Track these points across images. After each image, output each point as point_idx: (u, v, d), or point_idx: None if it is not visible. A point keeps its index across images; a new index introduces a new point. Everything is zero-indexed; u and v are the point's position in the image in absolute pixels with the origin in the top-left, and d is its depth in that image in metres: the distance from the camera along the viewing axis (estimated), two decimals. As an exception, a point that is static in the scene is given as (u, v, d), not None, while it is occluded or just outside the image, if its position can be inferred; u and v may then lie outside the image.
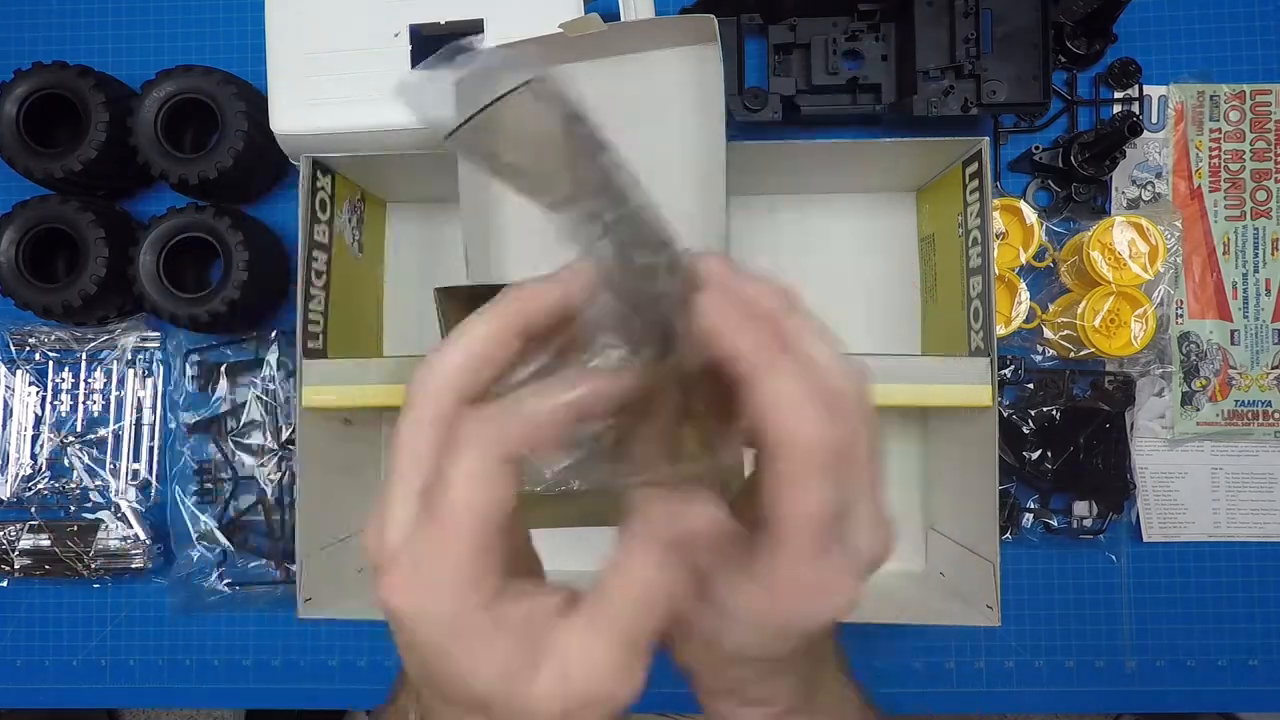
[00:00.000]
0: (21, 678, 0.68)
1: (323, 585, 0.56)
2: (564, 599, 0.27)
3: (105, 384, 0.69)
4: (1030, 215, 0.64)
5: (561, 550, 0.66)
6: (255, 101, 0.63)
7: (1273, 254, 0.67)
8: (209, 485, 0.67)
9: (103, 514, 0.68)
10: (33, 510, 0.68)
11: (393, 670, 0.67)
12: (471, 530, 0.24)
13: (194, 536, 0.67)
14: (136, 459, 0.68)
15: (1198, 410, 0.66)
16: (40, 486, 0.68)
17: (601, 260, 0.25)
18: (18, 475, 0.68)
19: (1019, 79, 0.62)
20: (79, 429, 0.69)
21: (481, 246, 0.55)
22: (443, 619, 0.25)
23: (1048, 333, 0.65)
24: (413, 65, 0.58)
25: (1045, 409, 0.65)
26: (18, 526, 0.67)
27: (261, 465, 0.67)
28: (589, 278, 0.26)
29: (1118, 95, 0.67)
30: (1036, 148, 0.66)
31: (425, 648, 0.25)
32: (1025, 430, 0.65)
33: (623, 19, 0.58)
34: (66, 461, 0.68)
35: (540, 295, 0.26)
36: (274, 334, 0.68)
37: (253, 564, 0.67)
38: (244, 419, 0.67)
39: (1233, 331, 0.67)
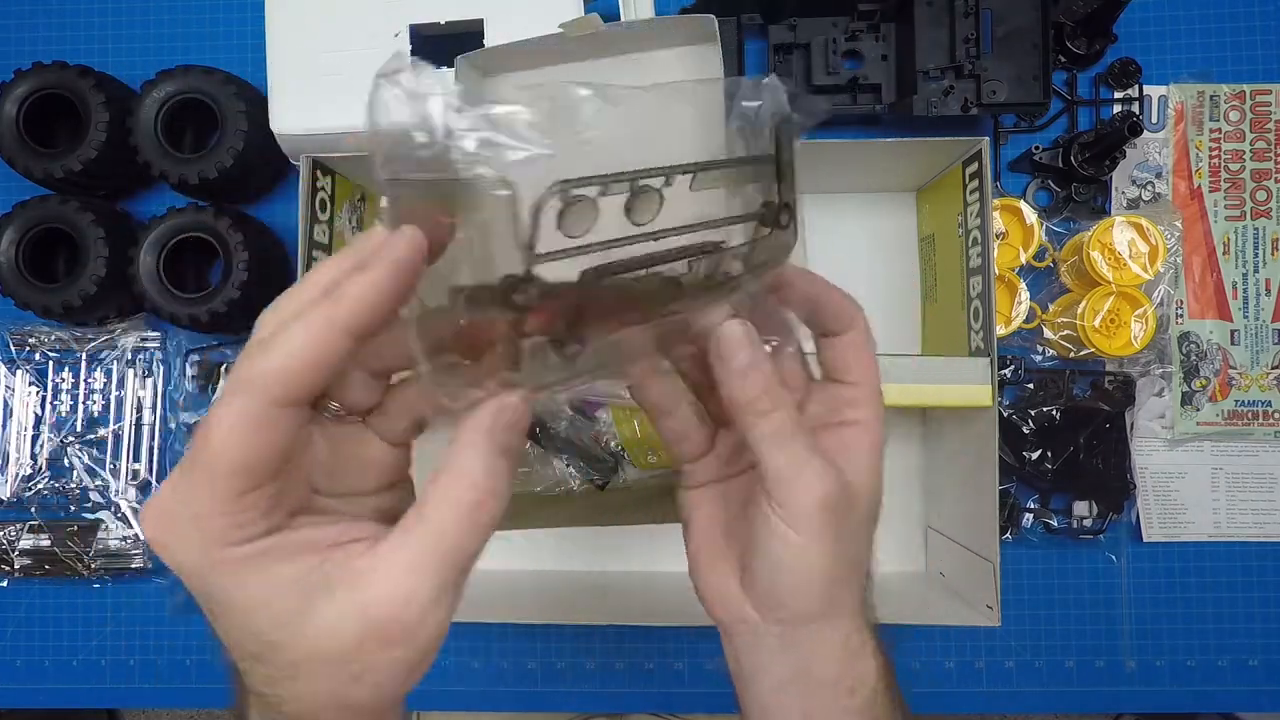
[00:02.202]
0: (21, 678, 0.68)
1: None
2: (367, 529, 0.26)
3: (105, 384, 0.69)
4: (1030, 215, 0.64)
5: (562, 550, 0.66)
6: (255, 101, 0.63)
7: (1273, 254, 0.67)
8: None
9: (103, 514, 0.68)
10: (33, 510, 0.68)
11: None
12: (224, 474, 0.23)
13: (194, 536, 0.67)
14: (136, 459, 0.68)
15: (1198, 410, 0.66)
16: (40, 486, 0.68)
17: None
18: (18, 475, 0.68)
19: (1019, 79, 0.62)
20: (79, 429, 0.69)
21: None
22: (193, 565, 0.24)
23: (1048, 333, 0.65)
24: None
25: (1045, 409, 0.65)
26: (18, 526, 0.67)
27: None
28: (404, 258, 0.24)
29: (1118, 95, 0.67)
30: (1036, 148, 0.66)
31: (191, 585, 0.25)
32: (1025, 430, 0.65)
33: (623, 19, 0.58)
34: (66, 461, 0.68)
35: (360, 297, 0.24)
36: (274, 334, 0.67)
37: (253, 564, 0.67)
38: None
39: (1233, 331, 0.67)
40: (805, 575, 0.32)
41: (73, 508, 0.68)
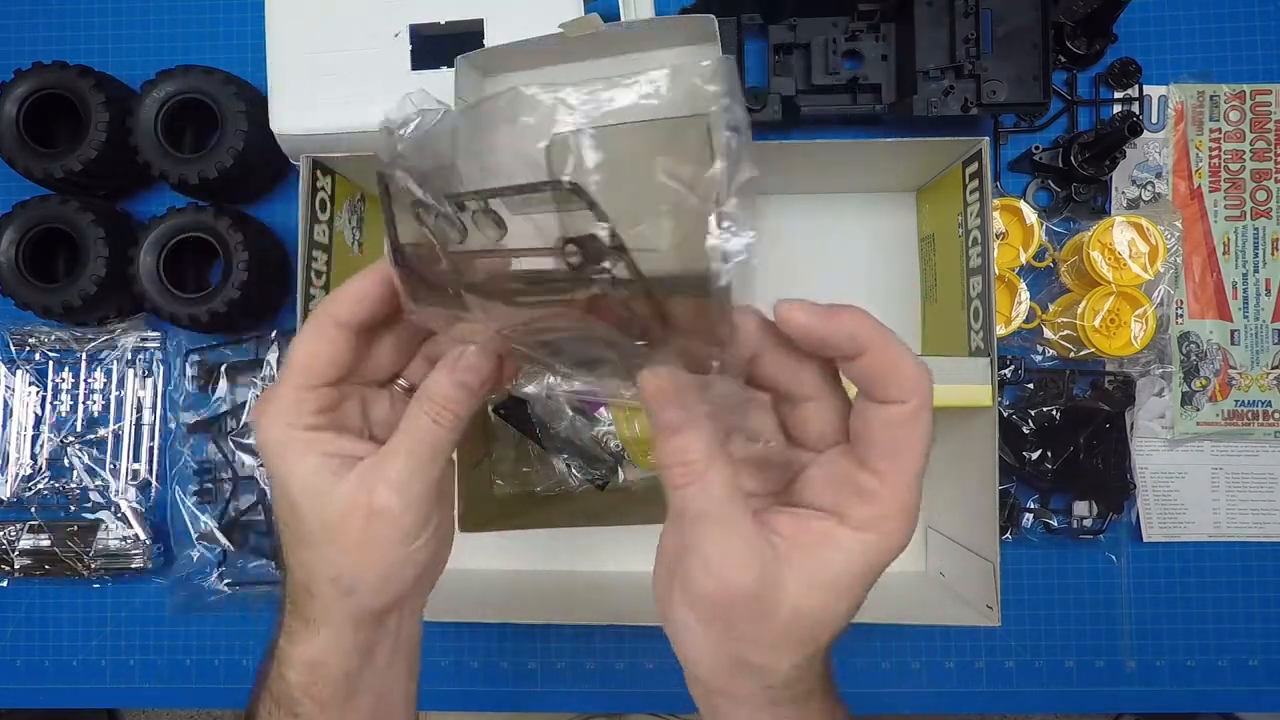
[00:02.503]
0: (21, 678, 0.68)
1: (323, 585, 0.56)
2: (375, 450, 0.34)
3: (105, 384, 0.69)
4: (1030, 215, 0.64)
5: (562, 550, 0.66)
6: (255, 101, 0.63)
7: (1273, 254, 0.67)
8: (209, 485, 0.67)
9: (103, 514, 0.68)
10: (33, 510, 0.68)
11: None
12: (294, 373, 0.32)
13: (194, 536, 0.67)
14: (136, 459, 0.68)
15: (1198, 410, 0.66)
16: (40, 486, 0.68)
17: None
18: (18, 475, 0.68)
19: (1019, 79, 0.62)
20: (79, 429, 0.69)
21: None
22: (268, 436, 0.33)
23: (1048, 333, 0.65)
24: (413, 65, 0.58)
25: (1045, 409, 0.65)
26: (18, 526, 0.67)
27: (261, 465, 0.67)
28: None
29: (1118, 95, 0.67)
30: (1036, 148, 0.66)
31: (264, 455, 0.33)
32: (1025, 430, 0.65)
33: (623, 19, 0.58)
34: (66, 461, 0.68)
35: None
36: (274, 334, 0.68)
37: (253, 564, 0.67)
38: (244, 419, 0.67)
39: (1233, 331, 0.67)
40: (694, 650, 0.30)
41: (73, 508, 0.68)
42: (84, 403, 0.69)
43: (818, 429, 0.30)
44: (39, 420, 0.69)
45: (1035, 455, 0.65)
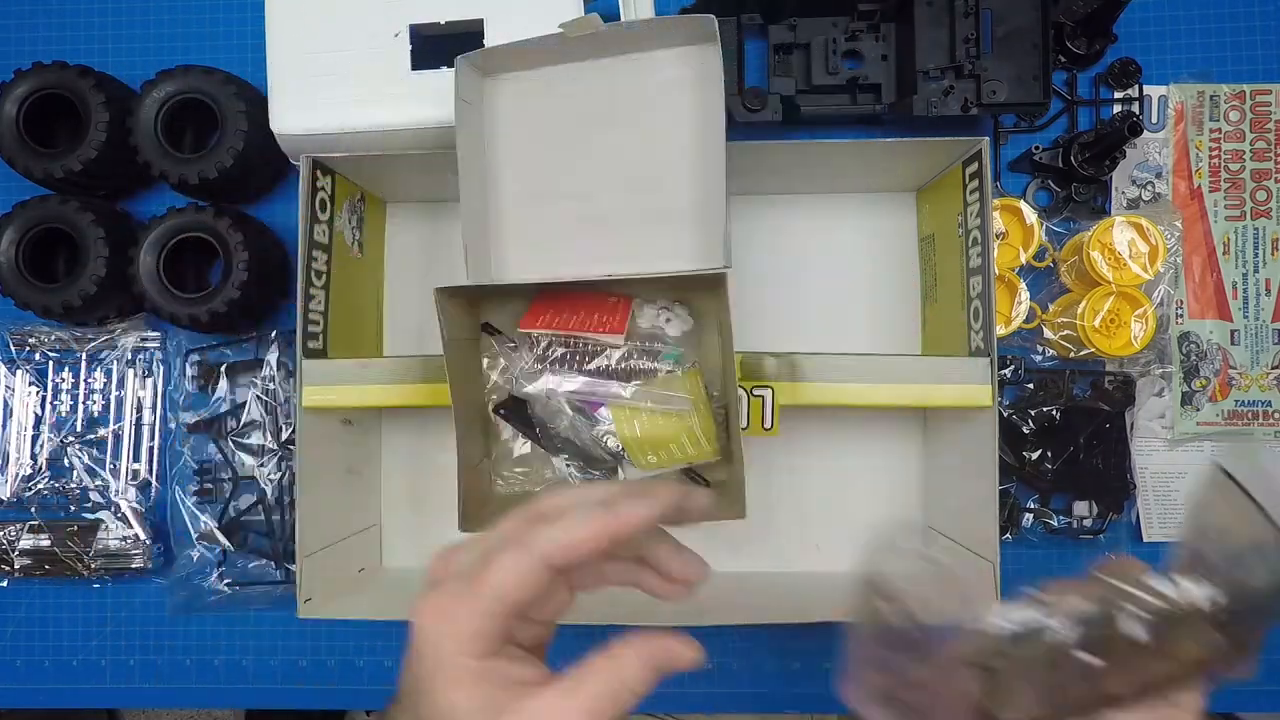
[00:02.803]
0: (21, 678, 0.68)
1: (322, 585, 0.56)
2: (547, 676, 0.33)
3: (105, 384, 0.69)
4: (1030, 215, 0.64)
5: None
6: (255, 101, 0.63)
7: (1273, 254, 0.67)
8: (209, 485, 0.67)
9: (103, 514, 0.68)
10: (33, 510, 0.68)
11: (392, 670, 0.67)
12: (490, 601, 0.32)
13: (194, 536, 0.67)
14: (136, 459, 0.68)
15: (1198, 410, 0.66)
16: (40, 486, 0.68)
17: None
18: (18, 475, 0.68)
19: (1019, 79, 0.62)
20: (79, 429, 0.69)
21: (481, 246, 0.55)
22: (439, 656, 0.32)
23: (1048, 333, 0.65)
24: (413, 65, 0.58)
25: (1045, 409, 0.65)
26: (18, 526, 0.67)
27: (261, 465, 0.67)
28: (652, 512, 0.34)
29: (1118, 95, 0.68)
30: (1036, 148, 0.66)
31: (423, 665, 0.32)
32: (1025, 430, 0.65)
33: (623, 19, 0.58)
34: (66, 461, 0.68)
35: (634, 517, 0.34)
36: (274, 334, 0.68)
37: (253, 564, 0.67)
38: (244, 419, 0.67)
39: (1233, 331, 0.67)
40: None
41: (73, 508, 0.68)
42: (84, 403, 0.69)
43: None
44: (39, 420, 0.69)
45: (1035, 455, 0.65)
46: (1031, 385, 0.66)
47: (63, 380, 0.69)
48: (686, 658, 0.33)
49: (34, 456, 0.68)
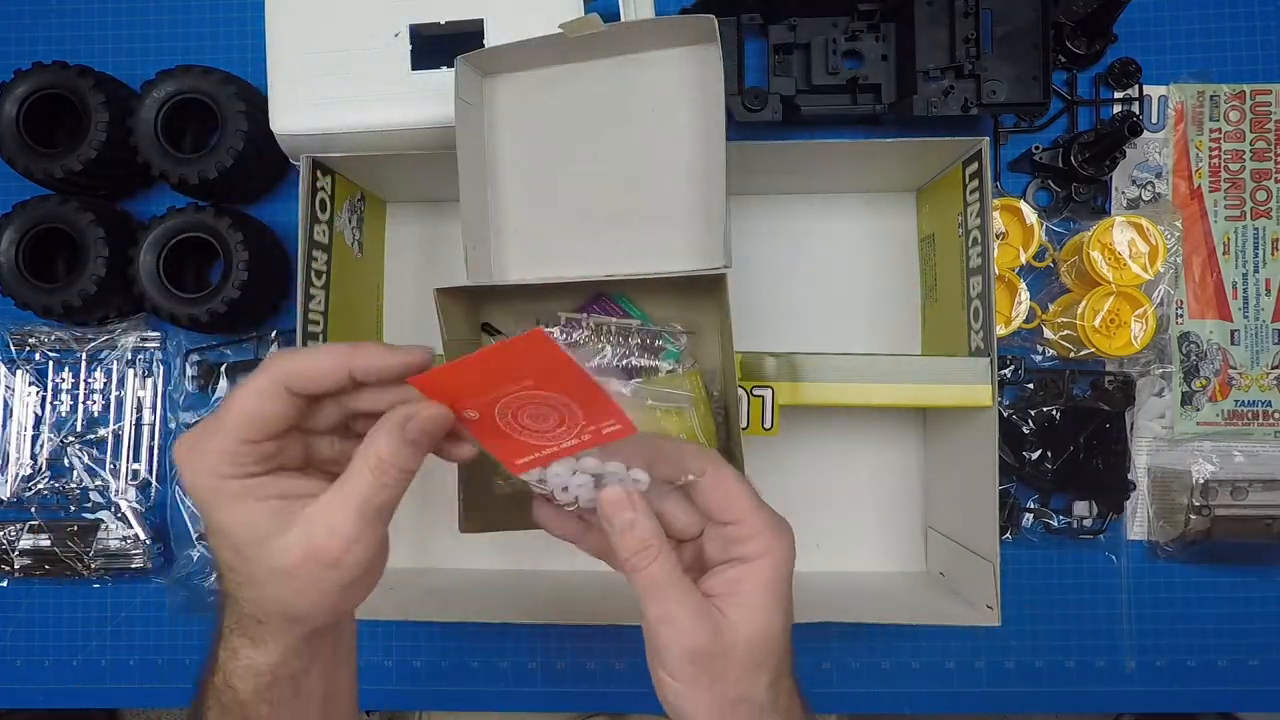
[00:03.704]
0: (21, 678, 0.68)
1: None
2: (325, 486, 0.34)
3: (105, 384, 0.69)
4: (1030, 215, 0.64)
5: (562, 550, 0.66)
6: (255, 101, 0.63)
7: (1273, 254, 0.67)
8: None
9: (103, 514, 0.68)
10: (33, 510, 0.68)
11: (391, 670, 0.67)
12: (233, 423, 0.33)
13: (194, 536, 0.67)
14: (136, 459, 0.68)
15: (1198, 410, 0.66)
16: (40, 486, 0.68)
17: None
18: (18, 475, 0.68)
19: (1019, 79, 0.62)
20: (79, 429, 0.69)
21: (481, 246, 0.55)
22: (198, 482, 0.33)
23: (1048, 333, 0.65)
24: (413, 65, 0.58)
25: (1045, 409, 0.65)
26: (18, 526, 0.67)
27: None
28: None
29: (1118, 95, 0.67)
30: (1036, 148, 0.66)
31: (196, 501, 0.34)
32: (1025, 430, 0.65)
33: (623, 19, 0.58)
34: (66, 461, 0.68)
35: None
36: (274, 334, 0.68)
37: (253, 564, 0.67)
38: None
39: (1233, 331, 0.67)
40: (690, 708, 0.36)
41: (73, 508, 0.68)
42: (84, 403, 0.69)
43: (684, 523, 0.38)
44: (39, 420, 0.69)
45: (1035, 455, 0.65)
46: (1031, 385, 0.66)
47: (63, 380, 0.69)
48: (427, 414, 0.34)
49: (34, 456, 0.68)
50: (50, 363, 0.69)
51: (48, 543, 0.67)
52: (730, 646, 0.35)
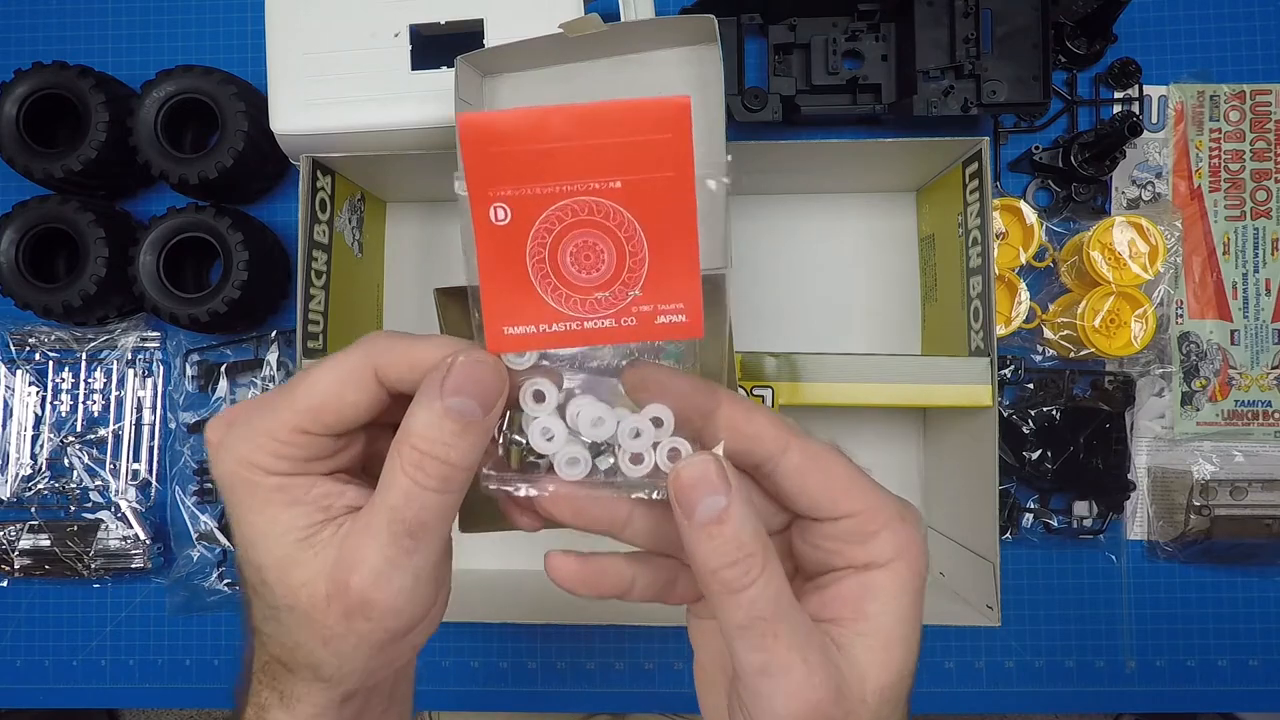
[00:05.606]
0: (21, 678, 0.68)
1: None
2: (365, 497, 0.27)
3: (105, 384, 0.69)
4: (1030, 215, 0.64)
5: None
6: (255, 101, 0.63)
7: (1273, 254, 0.67)
8: (209, 485, 0.67)
9: (103, 514, 0.68)
10: (33, 510, 0.68)
11: (393, 670, 0.67)
12: (298, 402, 0.25)
13: (194, 536, 0.67)
14: (136, 459, 0.68)
15: (1198, 410, 0.66)
16: (40, 486, 0.68)
17: None
18: (18, 475, 0.68)
19: (1019, 79, 0.62)
20: (79, 429, 0.69)
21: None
22: (227, 472, 0.26)
23: (1048, 333, 0.65)
24: (413, 65, 0.58)
25: (1045, 409, 0.65)
26: (18, 526, 0.67)
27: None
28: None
29: (1118, 95, 0.67)
30: (1036, 148, 0.66)
31: (224, 495, 0.27)
32: (1025, 430, 0.65)
33: (623, 19, 0.58)
34: (66, 461, 0.68)
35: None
36: (274, 334, 0.68)
37: (253, 564, 0.67)
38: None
39: (1233, 331, 0.67)
40: None
41: (73, 508, 0.68)
42: (84, 403, 0.69)
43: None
44: (39, 420, 0.69)
45: (1035, 455, 0.65)
46: (1031, 385, 0.66)
47: (63, 380, 0.69)
48: (465, 360, 0.25)
49: (34, 456, 0.68)
50: (50, 363, 0.69)
51: (48, 543, 0.67)
52: (858, 703, 0.25)
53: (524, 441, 0.27)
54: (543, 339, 0.24)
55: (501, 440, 0.27)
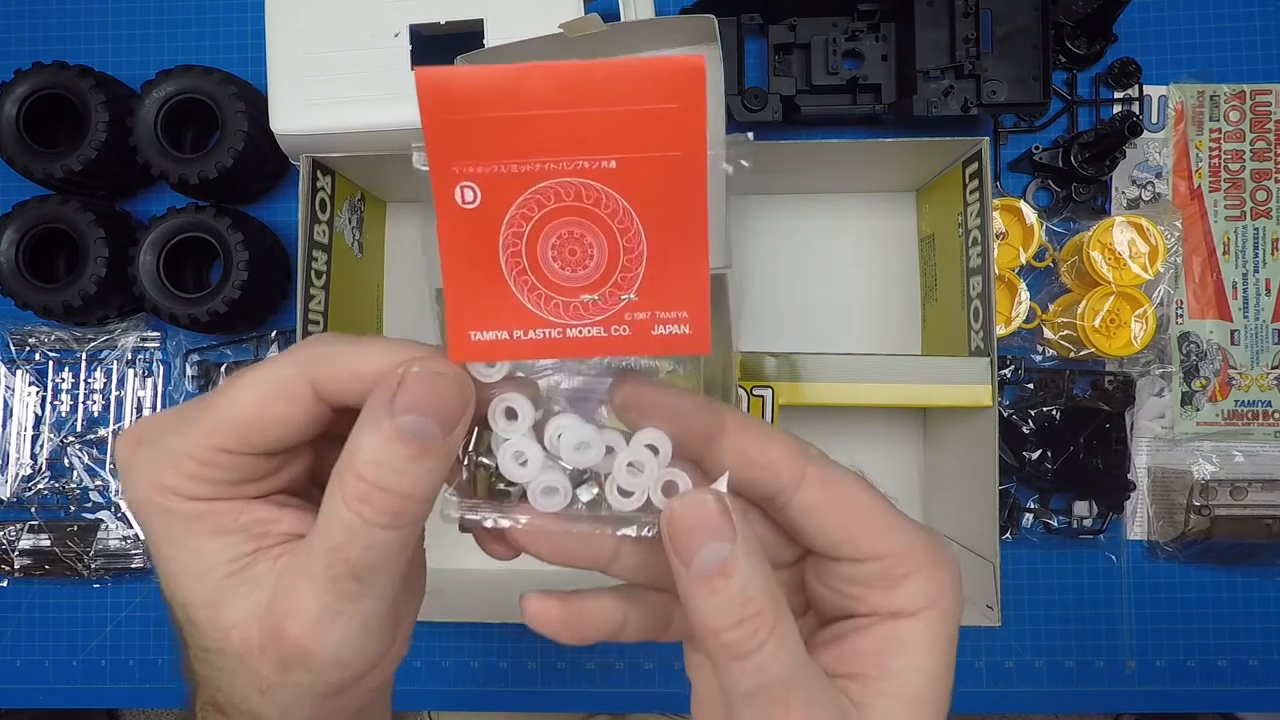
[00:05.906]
0: (21, 678, 0.68)
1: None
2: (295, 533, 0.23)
3: (105, 384, 0.69)
4: (1030, 215, 0.64)
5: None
6: (255, 101, 0.63)
7: (1273, 254, 0.67)
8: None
9: (103, 514, 0.67)
10: (33, 510, 0.68)
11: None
12: (224, 422, 0.22)
13: (194, 536, 0.67)
14: (136, 459, 0.68)
15: (1198, 410, 0.66)
16: (40, 486, 0.68)
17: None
18: (18, 475, 0.68)
19: (1019, 79, 0.62)
20: (79, 429, 0.69)
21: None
22: (140, 498, 0.22)
23: (1048, 333, 0.65)
24: (413, 65, 0.58)
25: (1045, 409, 0.65)
26: (18, 526, 0.67)
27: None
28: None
29: (1118, 95, 0.67)
30: (1036, 148, 0.66)
31: (139, 522, 0.23)
32: (1025, 430, 0.65)
33: (623, 19, 0.58)
34: (66, 461, 0.68)
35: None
36: (274, 334, 0.68)
37: (253, 564, 0.67)
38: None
39: (1233, 331, 0.67)
40: None
41: (73, 508, 0.68)
42: (84, 403, 0.69)
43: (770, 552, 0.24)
44: (39, 420, 0.69)
45: (1035, 455, 0.65)
46: (1031, 385, 0.66)
47: (63, 380, 0.69)
48: (420, 371, 0.21)
49: (34, 456, 0.68)
50: (50, 363, 0.69)
51: (48, 543, 0.67)
52: None
53: (492, 465, 0.23)
54: (516, 347, 0.21)
55: (467, 461, 0.23)
